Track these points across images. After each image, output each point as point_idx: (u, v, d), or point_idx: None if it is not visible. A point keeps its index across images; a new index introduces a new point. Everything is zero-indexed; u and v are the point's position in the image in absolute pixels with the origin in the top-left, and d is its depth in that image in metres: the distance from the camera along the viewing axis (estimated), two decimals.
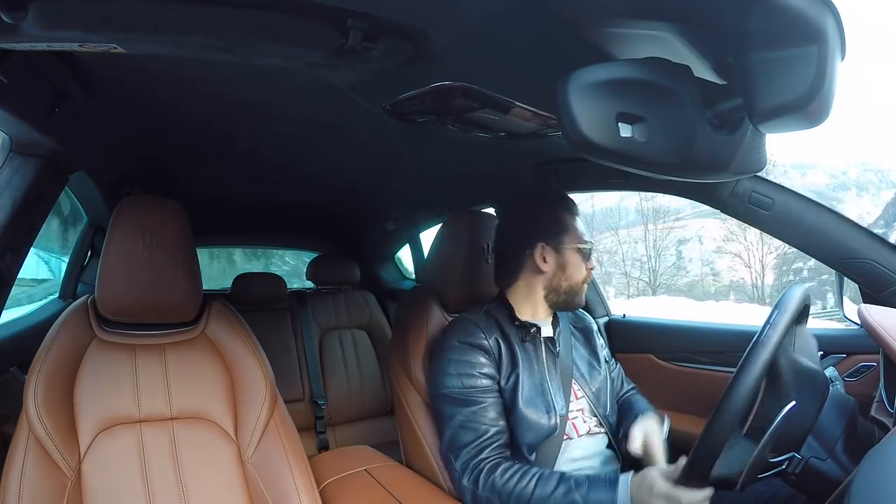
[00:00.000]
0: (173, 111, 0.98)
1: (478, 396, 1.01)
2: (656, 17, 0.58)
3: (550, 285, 1.09)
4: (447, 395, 1.03)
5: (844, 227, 0.98)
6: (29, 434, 0.82)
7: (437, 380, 1.05)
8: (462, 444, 0.99)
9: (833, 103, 0.52)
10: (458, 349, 1.04)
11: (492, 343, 1.05)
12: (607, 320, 1.64)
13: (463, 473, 0.98)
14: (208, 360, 1.01)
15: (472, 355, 1.03)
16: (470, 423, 1.00)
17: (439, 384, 1.04)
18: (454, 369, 1.03)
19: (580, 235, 1.09)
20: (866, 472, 0.50)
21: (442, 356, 1.06)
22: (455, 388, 1.02)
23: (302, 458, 0.98)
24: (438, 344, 1.09)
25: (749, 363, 0.67)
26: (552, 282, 1.09)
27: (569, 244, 1.07)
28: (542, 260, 1.08)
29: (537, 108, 0.87)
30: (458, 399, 1.01)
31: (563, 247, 1.07)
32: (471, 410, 1.00)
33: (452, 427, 1.01)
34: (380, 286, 2.42)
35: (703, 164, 0.58)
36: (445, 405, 1.03)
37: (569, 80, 0.50)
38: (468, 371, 1.02)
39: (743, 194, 1.03)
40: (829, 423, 0.70)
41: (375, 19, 0.62)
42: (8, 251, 0.90)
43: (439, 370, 1.05)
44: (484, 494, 0.94)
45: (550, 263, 1.08)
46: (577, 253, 1.08)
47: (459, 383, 1.02)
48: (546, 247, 1.07)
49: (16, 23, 0.54)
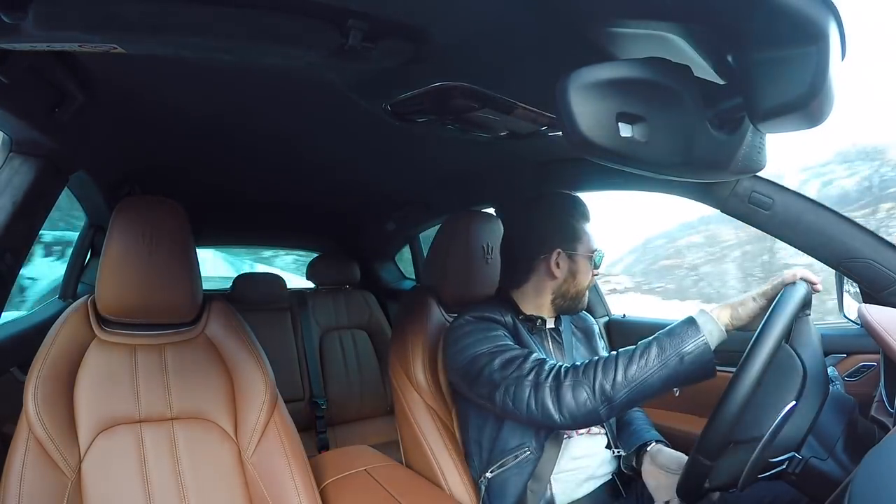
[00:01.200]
0: (173, 111, 0.98)
1: (509, 347, 0.96)
2: (656, 16, 0.58)
3: (559, 290, 1.09)
4: (475, 355, 0.96)
5: (844, 226, 0.98)
6: (29, 434, 0.82)
7: (456, 355, 1.00)
8: (520, 371, 0.90)
9: (833, 103, 0.52)
10: (472, 324, 1.02)
11: (508, 320, 1.04)
12: (607, 320, 1.64)
13: (538, 389, 0.86)
14: (208, 360, 1.01)
15: (490, 328, 1.01)
16: (513, 356, 0.93)
17: (462, 355, 0.99)
18: (473, 338, 0.99)
19: (591, 243, 1.09)
20: (866, 472, 0.50)
21: (456, 334, 1.02)
22: (483, 350, 0.96)
23: (302, 459, 0.98)
24: (447, 332, 1.07)
25: (749, 363, 0.67)
26: (561, 287, 1.09)
27: (581, 252, 1.08)
28: (555, 266, 1.08)
29: (537, 108, 0.87)
30: (490, 353, 0.95)
31: (577, 254, 1.08)
32: (509, 354, 0.94)
33: (500, 366, 0.92)
34: (380, 286, 2.41)
35: (703, 164, 0.58)
36: (476, 365, 0.95)
37: (569, 79, 0.50)
38: (490, 334, 0.99)
39: (743, 194, 1.03)
40: (829, 423, 0.70)
41: (375, 19, 0.62)
42: (8, 251, 0.90)
43: (458, 347, 1.00)
44: (570, 384, 0.84)
45: (563, 269, 1.08)
46: (587, 261, 1.08)
47: (486, 346, 0.96)
48: (562, 253, 1.08)
49: (16, 23, 0.54)
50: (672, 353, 0.80)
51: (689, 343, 0.80)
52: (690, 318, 0.83)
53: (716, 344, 0.81)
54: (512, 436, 1.01)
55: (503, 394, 0.91)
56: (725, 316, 0.83)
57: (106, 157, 1.18)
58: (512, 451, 1.01)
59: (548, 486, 0.99)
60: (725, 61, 0.59)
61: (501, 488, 1.01)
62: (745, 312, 0.83)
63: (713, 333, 0.81)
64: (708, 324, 0.81)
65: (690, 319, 0.82)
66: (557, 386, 0.85)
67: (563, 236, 1.08)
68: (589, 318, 1.26)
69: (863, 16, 5.58)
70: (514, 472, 1.00)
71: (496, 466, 1.02)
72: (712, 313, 0.83)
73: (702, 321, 0.81)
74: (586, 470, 1.03)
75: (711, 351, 0.80)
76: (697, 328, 0.80)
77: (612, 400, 0.82)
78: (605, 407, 0.83)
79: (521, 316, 1.09)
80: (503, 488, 1.01)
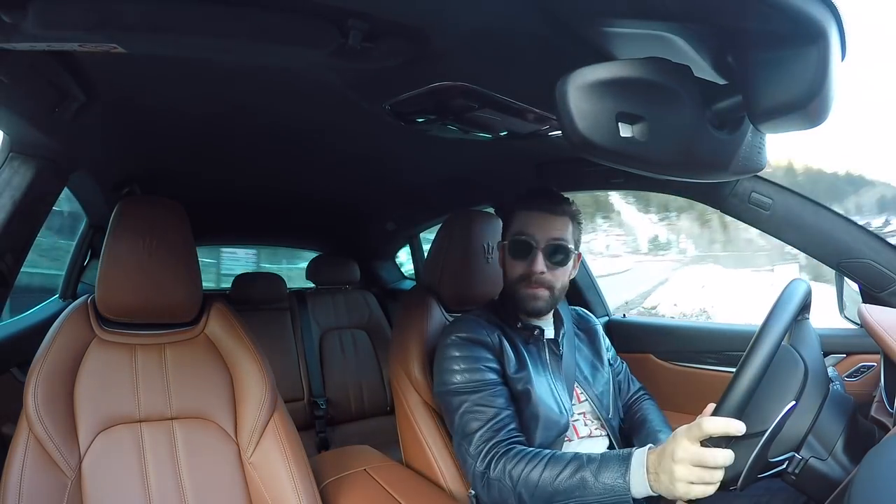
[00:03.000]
0: (173, 111, 0.98)
1: (484, 386, 0.99)
2: (656, 16, 0.58)
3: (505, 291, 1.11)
4: (452, 389, 1.01)
5: (844, 226, 0.98)
6: (29, 434, 0.82)
7: (440, 377, 1.04)
8: (473, 430, 0.96)
9: (833, 103, 0.52)
10: (459, 345, 1.03)
11: (494, 340, 1.04)
12: (607, 320, 1.64)
13: (476, 458, 0.94)
14: (208, 359, 1.01)
15: (475, 350, 1.02)
16: (478, 408, 0.97)
17: (443, 381, 1.03)
18: (457, 364, 1.02)
19: (513, 230, 1.06)
20: (866, 472, 0.50)
21: (444, 354, 1.05)
22: (460, 383, 1.00)
23: (302, 458, 0.98)
24: (439, 342, 1.09)
25: (749, 363, 0.67)
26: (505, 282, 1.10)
27: (505, 239, 1.08)
28: (500, 261, 1.10)
29: (537, 108, 0.87)
30: (464, 391, 0.99)
31: (503, 243, 1.09)
32: (478, 396, 0.98)
33: (461, 415, 0.98)
34: (380, 286, 2.42)
35: (703, 164, 0.58)
36: (451, 398, 1.01)
37: (568, 79, 0.50)
38: (472, 365, 1.01)
39: (743, 194, 1.03)
40: (829, 423, 0.70)
41: (375, 19, 0.62)
42: (8, 251, 0.90)
43: (442, 368, 1.04)
44: (496, 477, 0.91)
45: (502, 263, 1.10)
46: (505, 249, 1.08)
47: (464, 378, 1.00)
48: (504, 245, 1.09)
49: (16, 23, 0.54)
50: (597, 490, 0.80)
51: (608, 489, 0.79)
52: (629, 456, 0.80)
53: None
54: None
55: (455, 440, 1.00)
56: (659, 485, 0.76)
57: (106, 157, 1.18)
58: None
59: None
60: (725, 61, 0.59)
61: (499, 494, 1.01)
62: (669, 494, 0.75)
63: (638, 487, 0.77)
64: (638, 474, 0.78)
65: (627, 457, 0.80)
66: (487, 470, 0.91)
67: (506, 227, 1.10)
68: (592, 318, 1.26)
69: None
70: None
71: None
72: (649, 466, 0.77)
73: (633, 470, 0.78)
74: None
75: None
76: (627, 471, 0.78)
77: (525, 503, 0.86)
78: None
79: (519, 325, 1.08)
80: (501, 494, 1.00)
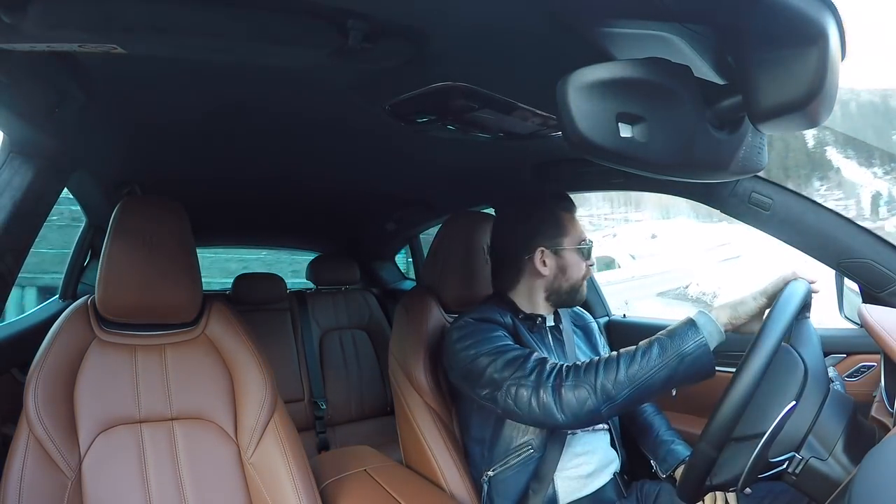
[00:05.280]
0: (173, 111, 0.98)
1: (510, 348, 0.95)
2: (656, 16, 0.58)
3: (552, 287, 1.09)
4: (478, 356, 0.95)
5: (844, 226, 0.98)
6: (29, 434, 0.82)
7: (456, 358, 0.99)
8: (520, 364, 0.90)
9: (833, 103, 0.52)
10: (472, 325, 1.01)
11: (507, 320, 1.04)
12: (607, 320, 1.64)
13: (539, 389, 0.86)
14: (208, 360, 1.01)
15: (491, 328, 1.00)
16: (515, 356, 0.92)
17: (462, 357, 0.97)
18: (474, 339, 0.98)
19: (579, 235, 1.09)
20: (866, 472, 0.50)
21: (455, 336, 1.01)
22: (483, 354, 0.95)
23: (302, 459, 0.98)
24: (447, 334, 1.05)
25: (751, 361, 0.67)
26: (553, 284, 1.09)
27: (568, 245, 1.07)
28: (542, 264, 1.07)
29: (537, 108, 0.87)
30: (491, 353, 0.94)
31: (563, 249, 1.07)
32: (509, 354, 0.93)
33: (500, 370, 0.91)
34: (380, 286, 2.41)
35: (703, 164, 0.58)
36: (480, 367, 0.94)
37: (568, 79, 0.50)
38: (492, 335, 0.98)
39: (743, 194, 1.03)
40: (829, 423, 0.70)
41: (375, 20, 0.62)
42: (8, 251, 0.90)
43: (456, 349, 1.00)
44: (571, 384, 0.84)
45: (550, 266, 1.08)
46: (576, 253, 1.08)
47: (486, 347, 0.95)
48: (546, 251, 1.07)
49: (16, 23, 0.54)
50: (673, 354, 0.80)
51: (689, 343, 0.80)
52: (690, 320, 0.83)
53: (715, 345, 0.81)
54: (514, 434, 1.01)
55: (505, 394, 0.90)
56: (724, 316, 0.84)
57: (106, 157, 1.18)
58: (515, 449, 1.01)
59: (550, 485, 0.99)
60: (725, 61, 0.59)
61: (503, 486, 1.01)
62: (743, 312, 0.84)
63: (712, 335, 0.82)
64: (708, 325, 0.82)
65: (690, 321, 0.83)
66: (559, 385, 0.85)
67: (545, 233, 1.08)
68: (587, 315, 1.26)
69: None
70: (517, 471, 1.00)
71: (498, 465, 1.02)
72: (711, 314, 0.84)
73: (701, 322, 0.82)
74: (589, 467, 1.03)
75: (711, 352, 0.80)
76: (697, 329, 0.81)
77: (613, 399, 0.82)
78: (606, 406, 0.83)
79: (520, 315, 1.08)
80: (505, 487, 1.01)
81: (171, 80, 0.84)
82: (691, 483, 0.73)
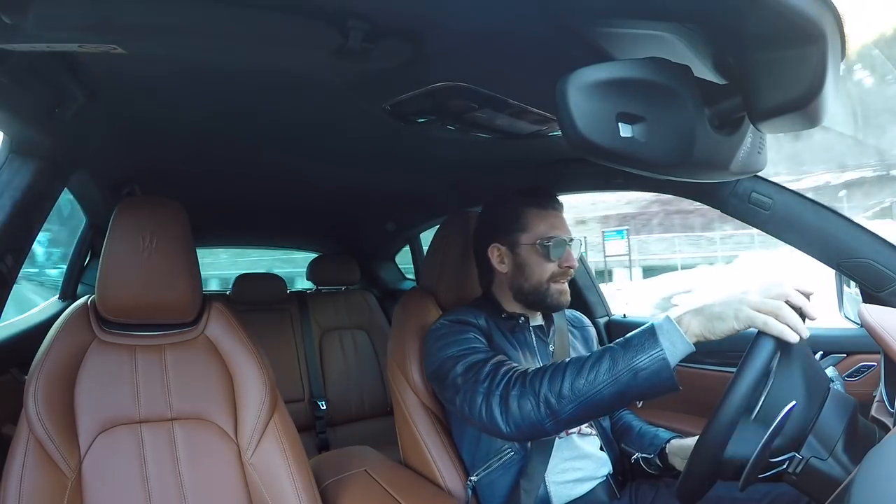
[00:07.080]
0: (173, 111, 0.98)
1: (478, 351, 0.95)
2: (656, 17, 0.58)
3: (514, 286, 1.07)
4: (445, 361, 0.95)
5: (844, 226, 0.98)
6: (29, 435, 0.82)
7: (431, 357, 1.00)
8: (478, 368, 0.89)
9: (832, 103, 0.52)
10: (446, 327, 1.02)
11: (481, 322, 1.03)
12: (607, 320, 1.64)
13: (489, 397, 0.83)
14: (208, 360, 1.01)
15: (462, 330, 1.00)
16: (477, 358, 0.91)
17: (436, 357, 0.98)
18: (444, 341, 0.98)
19: (541, 233, 1.03)
20: (866, 472, 0.50)
21: (432, 336, 1.03)
22: (451, 356, 0.95)
23: (302, 459, 0.98)
24: (426, 337, 1.06)
25: (749, 364, 0.67)
26: (513, 282, 1.07)
27: (525, 242, 1.04)
28: (498, 261, 1.07)
29: (537, 108, 0.87)
30: (458, 356, 0.94)
31: (520, 245, 1.04)
32: (475, 357, 0.92)
33: (462, 374, 0.91)
34: (380, 286, 2.42)
35: (703, 164, 0.58)
36: (445, 368, 0.94)
37: (568, 80, 0.50)
38: (462, 336, 0.97)
39: (743, 194, 1.03)
40: (829, 423, 0.70)
41: (375, 20, 0.62)
42: (8, 252, 0.90)
43: (430, 351, 1.01)
44: (516, 394, 0.80)
45: (507, 264, 1.07)
46: (533, 251, 1.03)
47: (455, 350, 0.95)
48: (501, 247, 1.06)
49: (16, 23, 0.54)
50: (624, 368, 0.72)
51: (643, 358, 0.71)
52: (651, 328, 0.74)
53: (680, 357, 0.72)
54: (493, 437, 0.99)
55: (462, 399, 0.88)
56: (696, 326, 0.73)
57: (106, 157, 1.18)
58: (496, 452, 1.00)
59: (542, 486, 0.98)
60: (725, 61, 0.59)
61: (490, 489, 1.01)
62: (720, 329, 0.72)
63: (676, 345, 0.72)
64: (671, 334, 0.72)
65: (651, 329, 0.74)
66: (506, 394, 0.81)
67: (500, 229, 1.06)
68: (585, 320, 1.26)
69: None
70: (500, 473, 1.00)
71: (482, 469, 1.02)
72: (682, 320, 0.73)
73: (665, 330, 0.72)
74: (580, 471, 1.02)
75: (671, 367, 0.71)
76: (656, 340, 0.71)
77: (557, 414, 0.76)
78: (550, 421, 0.77)
79: (503, 314, 1.08)
80: (491, 489, 1.01)
81: (170, 80, 0.84)
82: (691, 483, 0.73)
